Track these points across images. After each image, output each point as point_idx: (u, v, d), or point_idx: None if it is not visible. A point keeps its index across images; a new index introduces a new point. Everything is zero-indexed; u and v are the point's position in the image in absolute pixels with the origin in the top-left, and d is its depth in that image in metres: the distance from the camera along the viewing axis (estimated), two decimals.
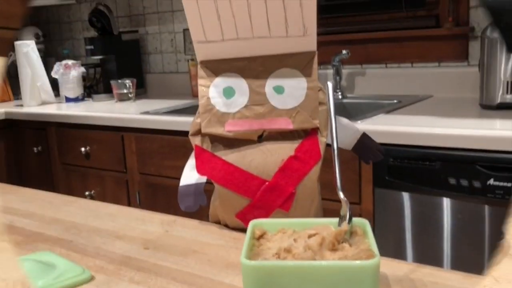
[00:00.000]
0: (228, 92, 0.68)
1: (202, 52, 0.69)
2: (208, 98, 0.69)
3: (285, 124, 0.67)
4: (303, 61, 0.67)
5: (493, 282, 0.40)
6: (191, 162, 0.78)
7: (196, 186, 0.77)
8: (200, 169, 0.72)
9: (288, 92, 0.67)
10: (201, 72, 0.70)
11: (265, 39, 0.66)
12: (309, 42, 0.66)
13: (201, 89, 0.70)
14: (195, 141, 0.72)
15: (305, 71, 0.67)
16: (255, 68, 0.67)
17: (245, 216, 0.71)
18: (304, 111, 0.67)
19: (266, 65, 0.67)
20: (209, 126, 0.69)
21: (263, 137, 0.69)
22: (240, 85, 0.68)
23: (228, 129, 0.68)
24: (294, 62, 0.67)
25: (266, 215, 0.69)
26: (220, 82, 0.69)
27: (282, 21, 0.63)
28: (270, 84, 0.67)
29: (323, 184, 0.74)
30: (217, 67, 0.69)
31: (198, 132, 0.72)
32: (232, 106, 0.68)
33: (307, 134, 0.69)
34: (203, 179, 0.77)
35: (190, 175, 0.77)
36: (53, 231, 0.80)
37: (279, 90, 0.67)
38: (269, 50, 0.67)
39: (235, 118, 0.68)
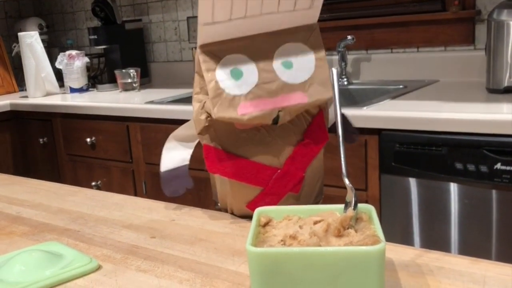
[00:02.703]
0: (236, 74, 0.65)
1: (204, 35, 0.65)
2: (217, 82, 0.65)
3: (300, 98, 0.66)
4: (307, 34, 0.66)
5: None
6: (168, 145, 0.78)
7: (180, 169, 0.76)
8: (210, 168, 0.70)
9: (297, 66, 0.66)
10: (202, 56, 0.66)
11: (271, 15, 0.64)
12: (312, 15, 0.65)
13: (207, 74, 0.65)
14: (204, 140, 0.70)
15: (311, 44, 0.66)
16: (259, 46, 0.66)
17: (256, 205, 0.70)
18: (316, 83, 0.66)
19: (270, 41, 0.66)
20: (221, 111, 0.65)
21: (279, 120, 0.66)
22: (247, 65, 0.65)
23: (241, 112, 0.64)
24: (298, 36, 0.66)
25: (277, 200, 0.70)
26: (226, 63, 0.65)
27: None
28: (277, 60, 0.66)
29: (329, 170, 0.74)
30: (219, 49, 0.65)
31: (205, 130, 0.70)
32: (242, 87, 0.65)
33: (313, 116, 0.68)
34: (186, 161, 0.76)
35: (170, 159, 0.76)
36: (60, 221, 0.80)
37: (287, 65, 0.66)
38: (270, 27, 0.66)
39: (247, 99, 0.65)
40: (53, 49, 3.01)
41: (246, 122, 0.65)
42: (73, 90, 2.59)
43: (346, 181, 0.54)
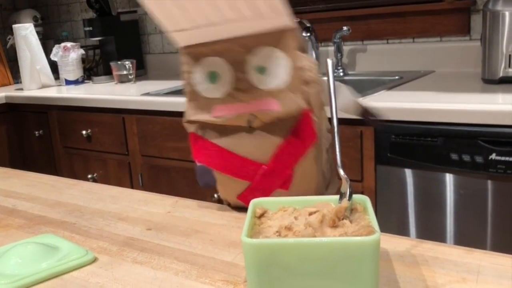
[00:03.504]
0: (213, 77, 0.67)
1: (180, 39, 0.67)
2: (193, 85, 0.68)
3: (272, 105, 0.65)
4: (282, 39, 0.64)
5: None
6: None
7: None
8: (196, 156, 0.72)
9: (271, 72, 0.65)
10: (183, 58, 0.68)
11: (239, 21, 0.63)
12: (285, 20, 0.63)
13: (185, 76, 0.68)
14: (190, 128, 0.72)
15: (286, 49, 0.65)
16: (235, 49, 0.65)
17: (246, 197, 0.72)
18: (289, 92, 0.65)
19: (246, 45, 0.65)
20: (197, 114, 0.69)
21: (253, 123, 0.67)
22: (223, 68, 0.66)
23: (215, 114, 0.67)
24: (273, 40, 0.64)
25: (267, 196, 0.69)
26: (203, 67, 0.67)
27: (244, 3, 0.61)
28: (252, 64, 0.65)
29: None
30: (198, 52, 0.67)
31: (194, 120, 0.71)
32: (217, 91, 0.67)
33: (301, 114, 0.67)
34: None
35: None
36: (56, 214, 0.80)
37: (261, 70, 0.65)
38: (247, 30, 0.64)
39: (222, 103, 0.67)
40: (48, 41, 2.99)
41: (221, 123, 0.68)
42: (68, 82, 2.58)
43: (341, 171, 0.54)
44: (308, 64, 0.66)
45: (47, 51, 2.65)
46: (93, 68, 2.79)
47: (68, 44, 2.58)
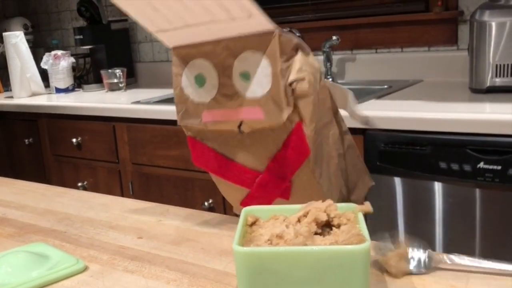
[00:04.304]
0: (200, 80, 0.65)
1: (166, 39, 0.65)
2: (181, 88, 0.66)
3: (256, 114, 0.62)
4: (265, 43, 0.60)
5: None
6: None
7: None
8: (195, 160, 0.70)
9: (255, 78, 0.61)
10: (173, 59, 0.66)
11: (215, 23, 0.60)
12: (264, 22, 0.58)
13: (174, 79, 0.66)
14: (188, 132, 0.70)
15: (268, 54, 0.60)
16: (220, 52, 0.62)
17: (248, 205, 0.66)
18: (271, 101, 0.61)
19: (230, 48, 0.62)
20: (185, 118, 0.67)
21: (242, 128, 0.64)
22: (209, 71, 0.64)
23: (204, 120, 0.65)
24: (257, 44, 0.60)
25: (268, 203, 0.68)
26: (191, 69, 0.65)
27: (216, 5, 0.57)
28: (236, 69, 0.62)
29: None
30: (187, 53, 0.65)
31: None
32: (204, 95, 0.65)
33: (293, 126, 0.63)
34: None
35: None
36: (46, 222, 0.80)
37: (245, 76, 0.62)
38: (231, 32, 0.61)
39: (209, 108, 0.65)
40: (38, 49, 2.98)
41: (210, 129, 0.66)
42: (58, 90, 2.58)
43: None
44: (302, 75, 0.60)
45: (38, 59, 2.64)
46: (84, 76, 2.78)
47: (59, 52, 2.57)
